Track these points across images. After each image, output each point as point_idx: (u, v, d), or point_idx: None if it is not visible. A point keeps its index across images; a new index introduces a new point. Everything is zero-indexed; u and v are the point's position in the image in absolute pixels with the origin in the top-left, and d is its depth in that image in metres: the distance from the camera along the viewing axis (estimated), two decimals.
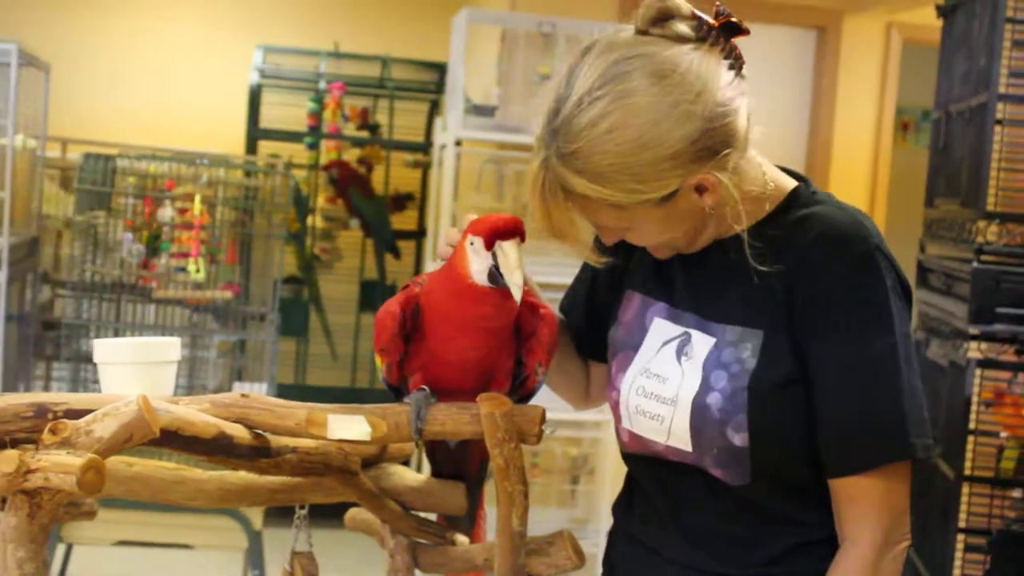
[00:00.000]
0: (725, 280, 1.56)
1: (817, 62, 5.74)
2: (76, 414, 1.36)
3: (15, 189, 3.61)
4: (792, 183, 1.60)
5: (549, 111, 1.47)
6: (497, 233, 1.52)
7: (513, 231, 1.52)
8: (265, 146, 5.99)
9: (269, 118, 6.08)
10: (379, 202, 5.98)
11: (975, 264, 2.85)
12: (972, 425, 2.84)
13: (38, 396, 1.41)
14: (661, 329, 1.62)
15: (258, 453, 1.54)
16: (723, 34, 1.48)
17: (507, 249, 1.52)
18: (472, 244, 1.54)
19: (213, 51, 6.73)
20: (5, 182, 3.39)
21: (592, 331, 1.77)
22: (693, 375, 1.54)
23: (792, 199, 1.57)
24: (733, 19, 1.48)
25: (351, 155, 6.08)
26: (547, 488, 4.88)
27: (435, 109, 6.14)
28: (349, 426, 1.55)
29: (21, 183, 3.81)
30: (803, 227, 1.52)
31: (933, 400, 3.13)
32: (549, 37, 5.22)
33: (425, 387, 1.62)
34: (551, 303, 1.69)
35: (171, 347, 1.66)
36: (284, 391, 5.47)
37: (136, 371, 1.61)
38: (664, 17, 1.46)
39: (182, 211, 3.50)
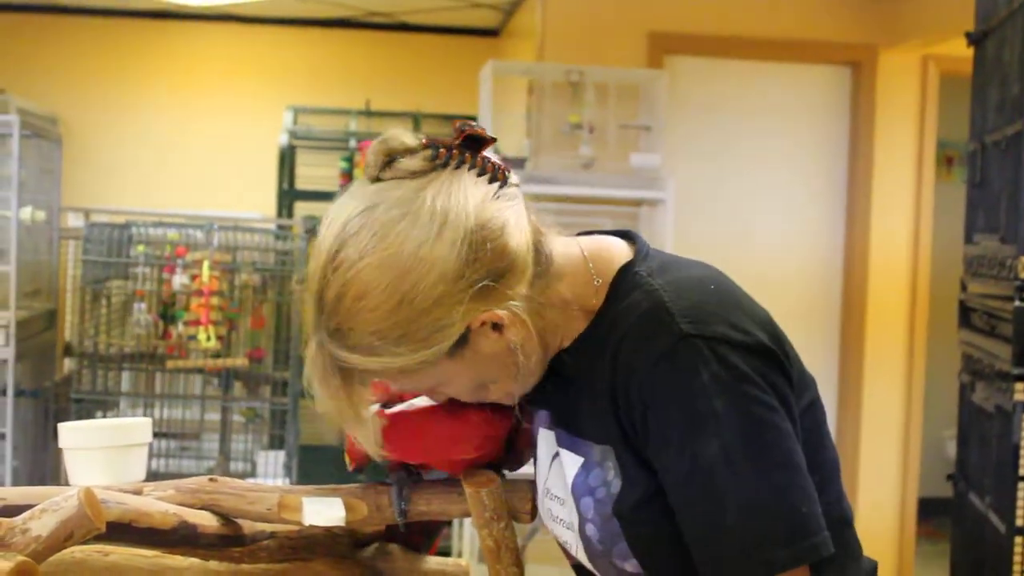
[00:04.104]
0: (579, 392, 1.38)
1: (853, 99, 5.60)
2: (14, 510, 1.26)
3: (29, 262, 3.56)
4: (620, 264, 1.40)
5: (312, 286, 1.30)
6: None
7: None
8: (300, 207, 5.97)
9: (302, 178, 6.06)
10: None
11: (1017, 303, 2.70)
12: (1023, 472, 2.68)
13: None
14: (547, 441, 1.46)
15: (229, 542, 1.44)
16: (466, 150, 1.31)
17: None
18: None
19: (243, 113, 6.73)
20: (11, 256, 3.34)
21: None
22: (572, 501, 1.39)
23: (613, 290, 1.38)
24: (475, 131, 1.31)
25: None
26: None
27: None
28: (326, 510, 1.45)
29: (36, 255, 3.76)
30: (618, 324, 1.34)
31: (981, 448, 2.97)
32: (577, 85, 5.13)
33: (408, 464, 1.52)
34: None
35: (141, 429, 1.57)
36: (312, 452, 5.39)
37: (103, 456, 1.53)
38: (391, 158, 1.30)
39: (194, 277, 3.42)
